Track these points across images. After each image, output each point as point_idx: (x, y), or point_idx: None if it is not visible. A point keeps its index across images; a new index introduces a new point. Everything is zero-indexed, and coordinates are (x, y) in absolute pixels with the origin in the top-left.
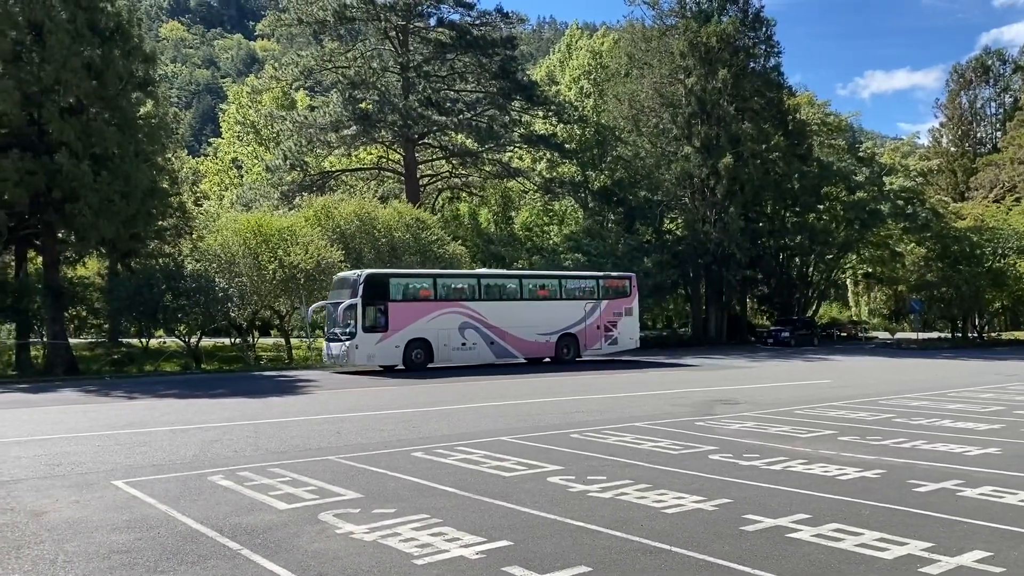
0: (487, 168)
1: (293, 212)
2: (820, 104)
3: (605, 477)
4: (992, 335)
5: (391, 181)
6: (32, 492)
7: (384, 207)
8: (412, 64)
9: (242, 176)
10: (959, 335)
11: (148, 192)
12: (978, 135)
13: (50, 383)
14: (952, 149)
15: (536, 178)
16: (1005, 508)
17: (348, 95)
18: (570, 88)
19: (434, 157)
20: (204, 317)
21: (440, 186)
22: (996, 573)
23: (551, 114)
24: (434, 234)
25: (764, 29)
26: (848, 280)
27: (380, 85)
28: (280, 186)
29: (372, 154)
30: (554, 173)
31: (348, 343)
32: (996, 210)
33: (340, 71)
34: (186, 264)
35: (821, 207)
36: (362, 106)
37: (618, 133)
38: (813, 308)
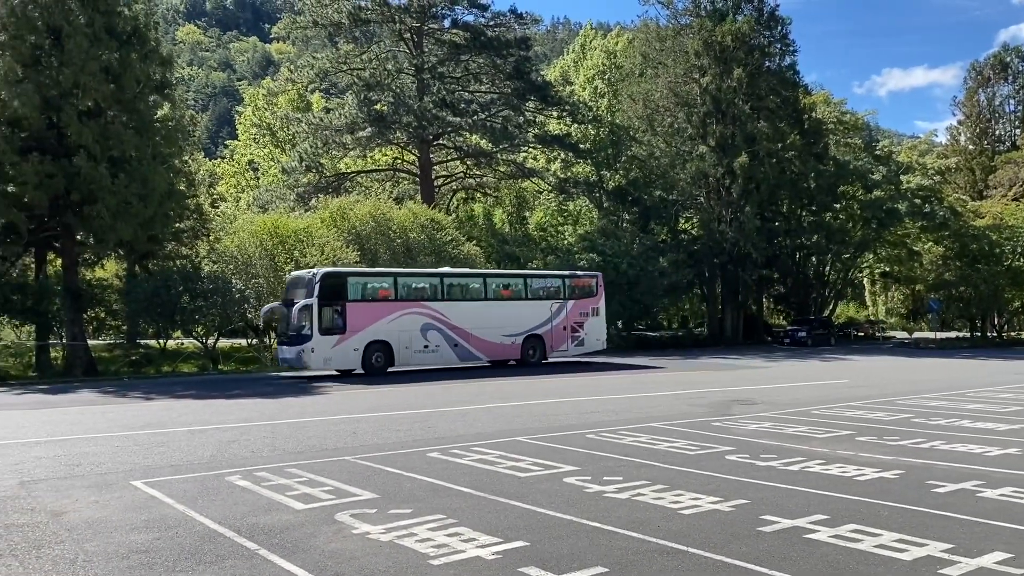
0: (501, 168)
1: (309, 213)
2: (836, 102)
3: (621, 478)
4: (1011, 334)
5: (406, 182)
6: (52, 492)
7: (399, 208)
8: (427, 65)
9: (258, 178)
10: (978, 335)
11: (165, 194)
12: (997, 133)
13: (69, 384)
14: (970, 147)
15: (550, 178)
16: None
17: (363, 97)
18: (584, 88)
19: (449, 158)
20: (221, 318)
21: (455, 187)
22: (1017, 575)
23: (565, 114)
24: (449, 235)
25: (779, 28)
26: (865, 279)
27: (395, 87)
28: (296, 188)
29: (387, 155)
30: (568, 173)
31: (303, 346)
32: (1015, 208)
33: (355, 73)
34: (203, 266)
35: (838, 206)
36: (377, 108)
37: (632, 133)
38: (830, 308)
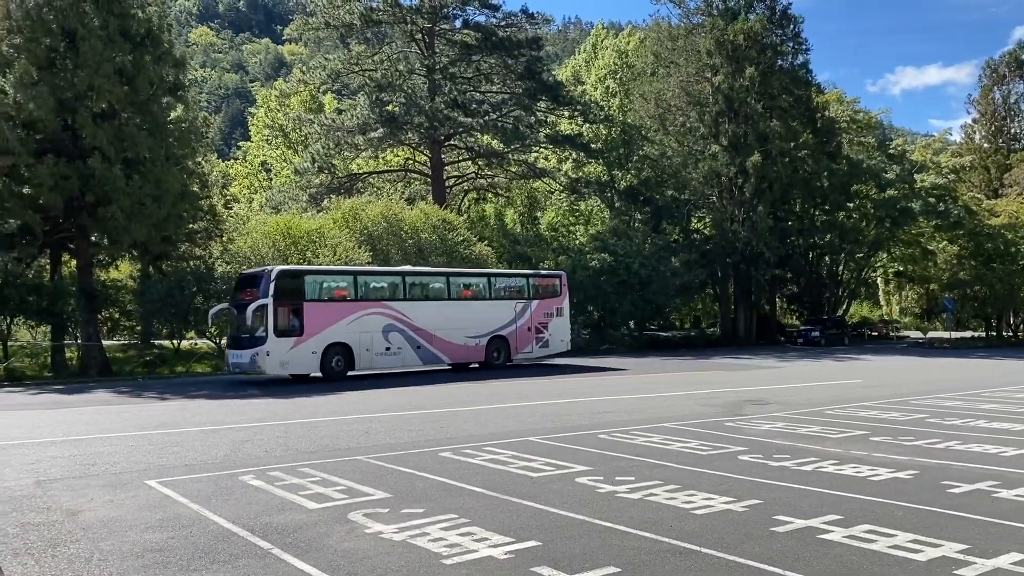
0: (513, 169)
1: (321, 214)
2: (849, 101)
3: (634, 478)
4: None
5: (418, 183)
6: (68, 491)
7: (411, 208)
8: (438, 66)
9: (271, 179)
10: (993, 334)
11: (179, 195)
12: (1012, 131)
13: (84, 384)
14: (985, 145)
15: (562, 178)
16: None
17: (375, 98)
18: (596, 88)
19: (460, 158)
20: None
21: (466, 187)
22: None
23: (577, 114)
24: (460, 235)
25: (791, 26)
26: (879, 279)
27: (406, 87)
28: (308, 188)
29: (399, 156)
30: (580, 173)
31: (257, 349)
32: None
33: (367, 74)
34: (216, 266)
35: (851, 205)
36: (389, 109)
37: (644, 132)
38: (843, 307)
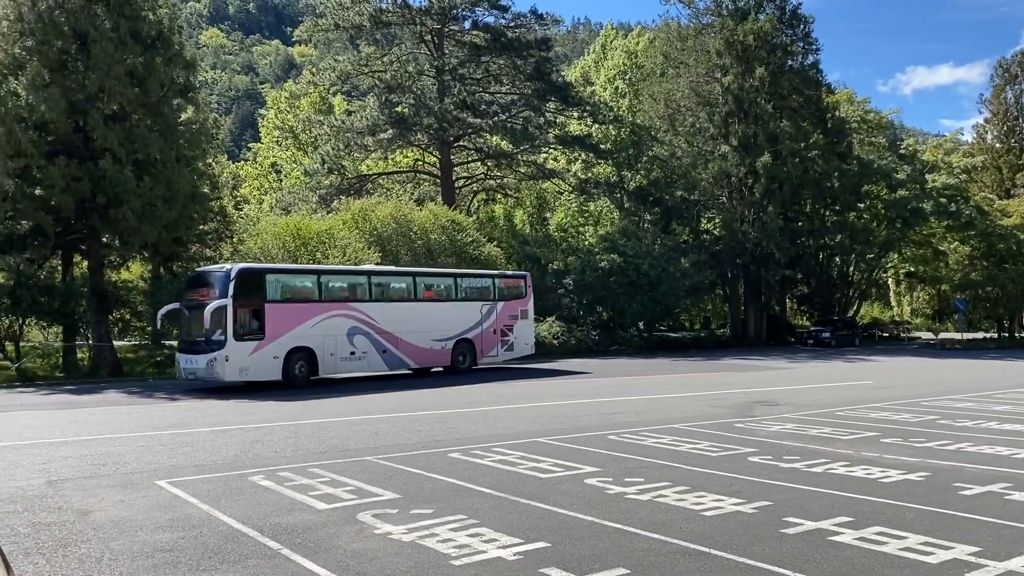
0: (522, 169)
1: (331, 215)
2: (860, 101)
3: (643, 479)
4: None
5: (427, 184)
6: (79, 491)
7: (420, 209)
8: (447, 67)
9: (281, 180)
10: (1005, 335)
11: (189, 197)
12: None
13: (96, 384)
14: (997, 145)
15: (571, 179)
16: None
17: (384, 99)
18: (605, 88)
19: (469, 159)
20: None
21: (475, 188)
22: None
23: (586, 115)
24: (470, 236)
25: (802, 26)
26: (890, 279)
27: (416, 89)
28: (318, 190)
29: (408, 157)
30: (589, 174)
31: (215, 355)
32: None
33: (376, 75)
34: None
35: (861, 206)
36: (398, 110)
37: (654, 133)
38: (854, 308)
